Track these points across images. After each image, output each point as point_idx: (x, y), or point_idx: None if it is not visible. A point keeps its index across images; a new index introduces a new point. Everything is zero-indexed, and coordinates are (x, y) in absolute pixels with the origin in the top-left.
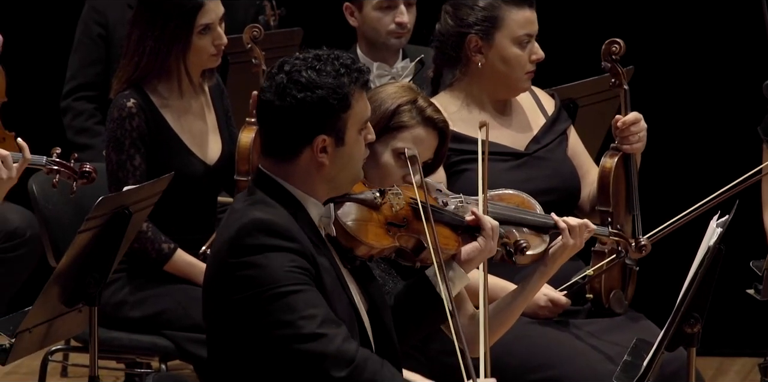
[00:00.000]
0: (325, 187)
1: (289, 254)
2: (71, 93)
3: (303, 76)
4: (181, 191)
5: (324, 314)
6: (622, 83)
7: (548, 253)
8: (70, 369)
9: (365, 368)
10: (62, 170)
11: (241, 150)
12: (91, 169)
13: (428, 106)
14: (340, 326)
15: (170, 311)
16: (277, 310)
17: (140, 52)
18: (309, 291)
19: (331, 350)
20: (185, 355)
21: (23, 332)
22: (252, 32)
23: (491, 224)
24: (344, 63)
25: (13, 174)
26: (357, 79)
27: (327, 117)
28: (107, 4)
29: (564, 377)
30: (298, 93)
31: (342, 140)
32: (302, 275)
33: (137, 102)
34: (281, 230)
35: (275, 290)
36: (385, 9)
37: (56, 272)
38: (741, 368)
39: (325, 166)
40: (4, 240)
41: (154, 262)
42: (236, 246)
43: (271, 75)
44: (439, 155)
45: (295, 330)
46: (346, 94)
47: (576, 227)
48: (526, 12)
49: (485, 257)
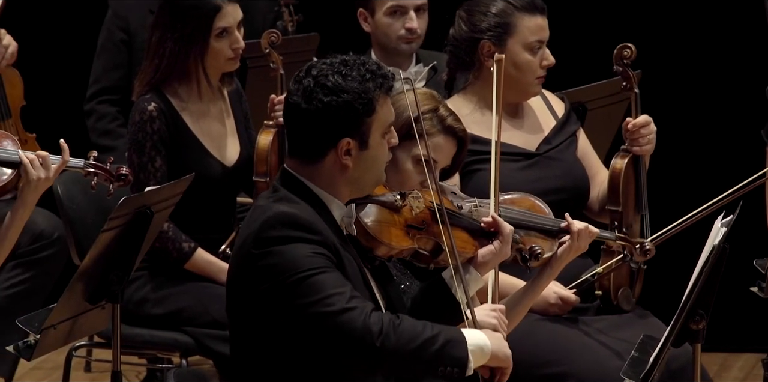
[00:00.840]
0: (348, 189)
1: (311, 245)
2: (95, 96)
3: (330, 80)
4: (201, 191)
5: (349, 291)
6: (633, 87)
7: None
8: (94, 364)
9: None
10: (100, 173)
11: (260, 152)
12: (128, 172)
13: (449, 115)
14: (366, 300)
15: (190, 308)
16: (303, 292)
17: (160, 54)
18: (331, 272)
19: (361, 323)
20: (205, 351)
21: (48, 329)
22: (270, 37)
23: (508, 229)
24: (370, 69)
25: (50, 175)
26: (382, 85)
27: (352, 121)
28: (129, 10)
29: (573, 372)
30: (325, 97)
31: (366, 143)
32: (324, 259)
33: (158, 105)
34: (305, 223)
35: (299, 275)
36: (395, 15)
37: (80, 270)
38: (745, 364)
39: (349, 169)
40: (31, 242)
41: (175, 261)
42: (260, 238)
43: (299, 79)
44: (457, 162)
45: (324, 307)
46: (371, 99)
47: (582, 231)
48: (538, 19)
49: (500, 261)
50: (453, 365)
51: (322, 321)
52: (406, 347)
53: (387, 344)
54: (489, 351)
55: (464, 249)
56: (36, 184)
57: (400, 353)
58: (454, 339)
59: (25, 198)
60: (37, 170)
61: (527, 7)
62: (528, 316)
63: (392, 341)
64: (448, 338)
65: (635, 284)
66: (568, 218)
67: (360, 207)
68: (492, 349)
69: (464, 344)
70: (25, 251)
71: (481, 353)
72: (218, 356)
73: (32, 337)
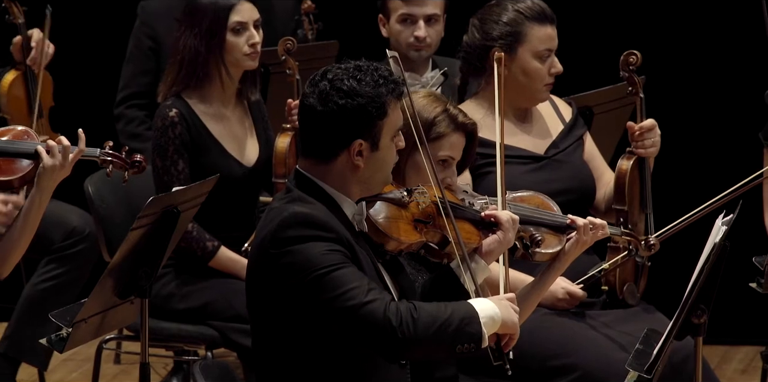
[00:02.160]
0: (359, 188)
1: (326, 242)
2: (124, 101)
3: (345, 84)
4: (223, 191)
5: (367, 284)
6: (639, 92)
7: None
8: (123, 356)
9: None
10: (115, 161)
11: (278, 154)
12: (142, 158)
13: (458, 112)
14: (383, 292)
15: (215, 303)
16: (323, 288)
17: (181, 49)
18: (348, 267)
19: (381, 315)
20: (229, 343)
21: (79, 322)
22: (286, 44)
23: (508, 217)
24: (382, 74)
25: (66, 163)
26: (393, 90)
27: (365, 123)
28: (157, 19)
29: (580, 364)
30: (340, 100)
31: (377, 145)
32: (339, 255)
33: (179, 111)
34: (319, 222)
35: (317, 272)
36: (405, 23)
37: (110, 267)
38: (744, 356)
39: (360, 169)
40: (65, 238)
41: (200, 259)
42: (278, 238)
43: (315, 82)
44: (469, 154)
45: (346, 302)
46: (384, 103)
47: (587, 226)
48: (548, 29)
49: (504, 249)
50: (470, 341)
51: (344, 315)
52: (426, 334)
53: (407, 333)
54: (499, 319)
55: (469, 239)
56: (52, 171)
57: (420, 340)
58: (468, 316)
59: (42, 184)
60: (53, 157)
61: (537, 17)
62: (537, 310)
63: (412, 329)
64: (462, 316)
65: (640, 279)
66: (570, 216)
67: (370, 204)
68: (502, 317)
69: (477, 319)
70: (59, 247)
71: (492, 323)
72: (242, 348)
73: (65, 330)
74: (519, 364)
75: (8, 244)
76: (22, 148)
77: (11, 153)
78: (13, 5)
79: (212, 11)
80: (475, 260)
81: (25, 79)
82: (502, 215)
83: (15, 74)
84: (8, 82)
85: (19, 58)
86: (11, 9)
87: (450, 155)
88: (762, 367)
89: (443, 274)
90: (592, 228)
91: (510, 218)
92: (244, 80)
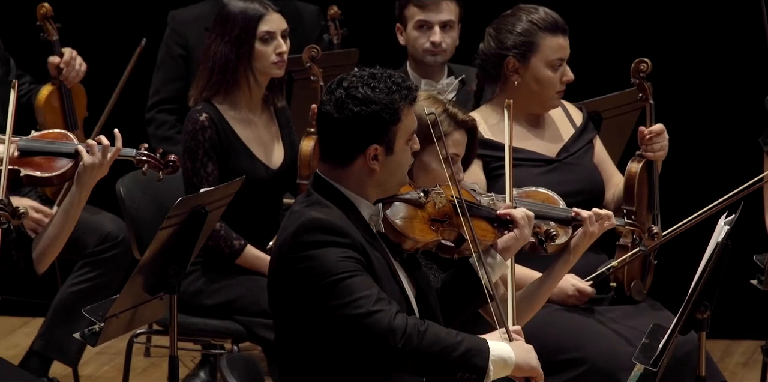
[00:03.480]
0: (375, 190)
1: (341, 248)
2: (155, 106)
3: (360, 92)
4: (249, 192)
5: (376, 294)
6: (648, 98)
7: (571, 243)
8: (153, 350)
9: (415, 334)
10: (150, 161)
11: (303, 157)
12: (175, 159)
13: (457, 110)
14: (392, 303)
15: (241, 299)
16: (336, 294)
17: (212, 56)
18: (360, 275)
19: (386, 324)
20: (255, 338)
21: (111, 317)
22: (310, 52)
23: (523, 214)
24: (396, 81)
25: (105, 161)
26: (407, 96)
27: (379, 129)
28: (187, 27)
29: (589, 357)
30: (355, 107)
31: (391, 149)
32: (354, 262)
33: (208, 115)
34: (335, 227)
35: (331, 278)
36: (422, 29)
37: (140, 265)
38: (746, 350)
39: (376, 172)
40: (99, 243)
41: (227, 257)
42: (295, 243)
43: (331, 90)
44: (471, 149)
45: (353, 310)
46: (397, 109)
47: (592, 217)
48: (560, 39)
49: (521, 245)
50: (472, 372)
51: (350, 322)
52: (428, 351)
53: (409, 345)
54: (513, 363)
55: (485, 237)
56: (92, 169)
57: (421, 355)
58: (477, 348)
59: (82, 181)
60: (93, 156)
61: (550, 27)
62: (548, 306)
63: (414, 343)
64: (471, 347)
65: (646, 277)
66: (575, 209)
67: (387, 206)
68: (516, 361)
69: (486, 354)
70: (93, 252)
71: (503, 365)
72: (266, 342)
73: (97, 325)
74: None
75: (47, 240)
76: (62, 148)
77: (52, 152)
78: (48, 23)
79: (242, 20)
80: (492, 256)
81: (60, 93)
82: (517, 213)
83: (50, 89)
84: (44, 97)
85: (55, 74)
86: (46, 27)
87: (455, 153)
88: (762, 360)
89: (462, 269)
90: (598, 219)
91: (525, 215)
92: (271, 87)
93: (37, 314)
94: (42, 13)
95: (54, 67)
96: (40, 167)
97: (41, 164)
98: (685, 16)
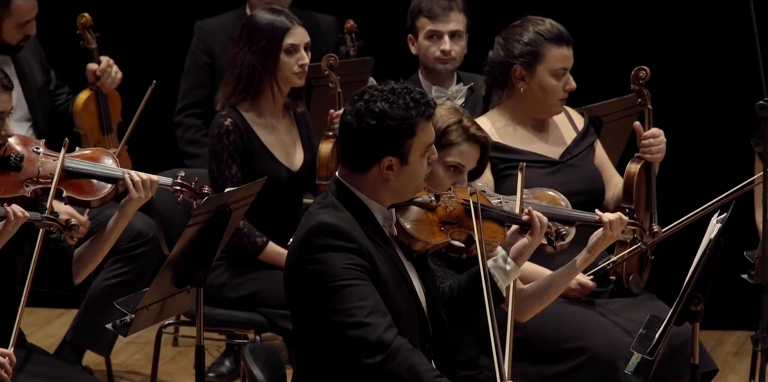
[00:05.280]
0: (390, 196)
1: (347, 254)
2: (182, 111)
3: (377, 106)
4: (271, 192)
5: (372, 306)
6: (647, 103)
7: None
8: (180, 340)
9: (397, 356)
10: (185, 191)
11: (321, 159)
12: (209, 191)
13: (471, 125)
14: (385, 316)
15: (263, 292)
16: (334, 299)
17: (239, 64)
18: (362, 286)
19: (373, 338)
20: (276, 328)
21: (141, 309)
22: (328, 61)
23: (541, 221)
24: (414, 97)
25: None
26: (424, 112)
27: (394, 142)
28: (212, 36)
29: (589, 346)
30: (372, 120)
31: (406, 161)
32: (358, 271)
33: (233, 121)
34: (343, 232)
35: (335, 283)
36: (432, 39)
37: (168, 260)
38: (737, 340)
39: (391, 181)
40: (131, 240)
41: (250, 253)
42: (306, 245)
43: (353, 101)
44: (481, 164)
45: (345, 318)
46: (413, 125)
47: (614, 221)
48: (564, 49)
49: (532, 251)
50: None
51: (339, 329)
52: (402, 375)
53: (387, 364)
54: None
55: (494, 238)
56: (138, 203)
57: (394, 376)
58: None
59: (125, 211)
60: (139, 192)
61: (555, 38)
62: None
63: (392, 363)
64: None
65: (644, 271)
66: (598, 212)
67: (400, 209)
68: None
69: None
70: (124, 248)
71: None
72: (287, 332)
73: (128, 316)
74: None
75: (87, 257)
76: (105, 173)
77: (95, 176)
78: (87, 32)
79: (269, 32)
80: (508, 262)
81: (97, 98)
82: (537, 222)
83: (88, 94)
84: (82, 101)
85: (92, 80)
86: (85, 36)
87: (459, 162)
88: (752, 349)
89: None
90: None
91: (542, 223)
92: (292, 94)
93: (71, 306)
94: (82, 22)
95: (92, 74)
96: (82, 191)
97: (83, 187)
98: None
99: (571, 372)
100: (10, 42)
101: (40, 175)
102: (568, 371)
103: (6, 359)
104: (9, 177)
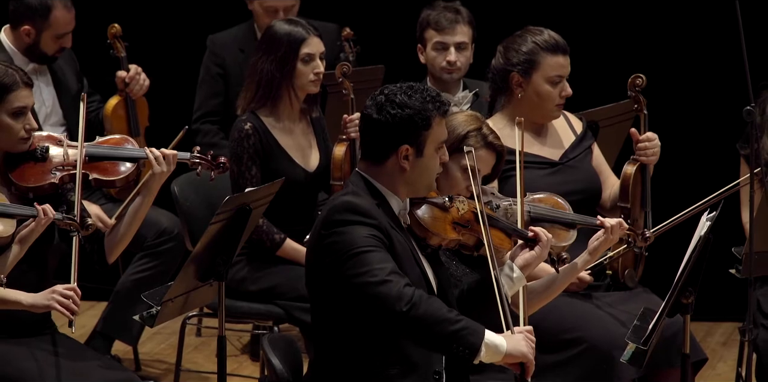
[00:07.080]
0: (405, 189)
1: (367, 227)
2: (199, 119)
3: (398, 97)
4: (289, 192)
5: (392, 267)
6: (643, 109)
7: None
8: (203, 330)
9: (421, 303)
10: (203, 162)
11: (335, 161)
12: (225, 160)
13: (490, 133)
14: (404, 277)
15: (281, 286)
16: (356, 264)
17: (259, 72)
18: (381, 251)
19: (395, 291)
20: (293, 320)
21: (166, 302)
22: (342, 69)
23: (546, 237)
24: (431, 94)
25: (171, 169)
26: (439, 108)
27: (411, 131)
28: (224, 49)
29: (587, 337)
30: (392, 110)
31: (421, 152)
32: (376, 240)
33: (252, 125)
34: (363, 210)
35: (354, 250)
36: (439, 50)
37: (192, 255)
38: (725, 331)
39: (406, 171)
40: (156, 237)
41: (269, 249)
42: (328, 221)
43: (374, 96)
44: (496, 171)
45: (368, 278)
46: (429, 117)
47: (615, 226)
48: (559, 58)
49: (539, 263)
50: (465, 347)
51: (364, 289)
52: (429, 319)
53: (412, 312)
54: (503, 351)
55: (501, 245)
56: (161, 176)
57: (422, 322)
58: (474, 328)
59: (150, 186)
60: (161, 166)
61: (551, 48)
62: None
63: (418, 310)
64: (468, 326)
65: (638, 266)
66: (600, 217)
67: (416, 206)
68: (507, 349)
69: (481, 335)
70: (150, 244)
71: (494, 350)
72: (303, 324)
73: (154, 308)
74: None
75: (116, 237)
76: (125, 154)
77: (117, 157)
78: (117, 42)
79: (287, 42)
80: (514, 271)
81: (126, 104)
82: (543, 237)
83: (117, 99)
84: (112, 106)
85: (122, 87)
86: (115, 45)
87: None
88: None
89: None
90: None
91: (548, 239)
92: (308, 100)
93: (101, 299)
94: (113, 32)
95: (121, 81)
96: (106, 172)
97: (107, 169)
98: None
99: (570, 361)
100: (47, 52)
101: (65, 163)
102: (566, 360)
103: (72, 292)
104: (37, 168)
